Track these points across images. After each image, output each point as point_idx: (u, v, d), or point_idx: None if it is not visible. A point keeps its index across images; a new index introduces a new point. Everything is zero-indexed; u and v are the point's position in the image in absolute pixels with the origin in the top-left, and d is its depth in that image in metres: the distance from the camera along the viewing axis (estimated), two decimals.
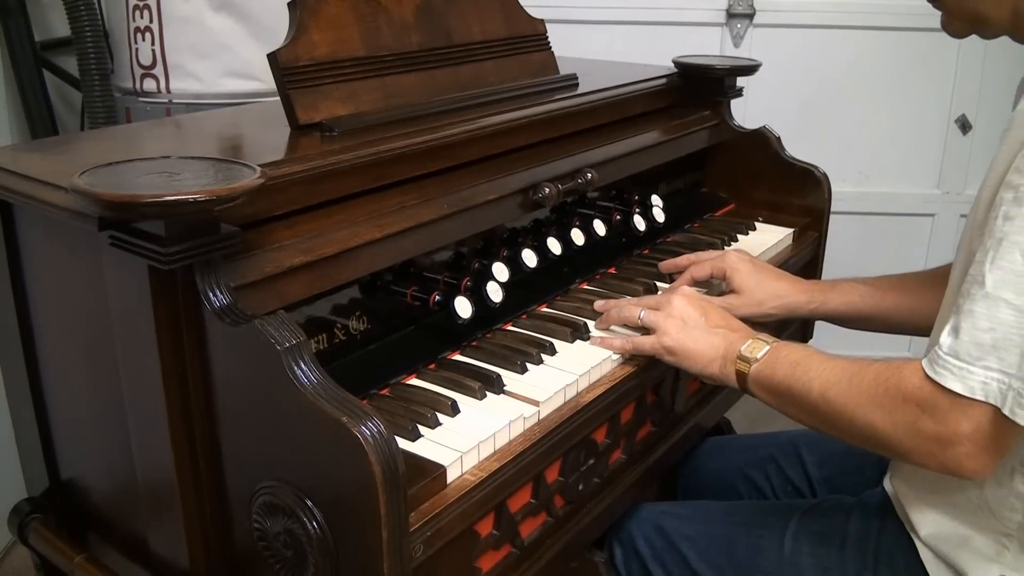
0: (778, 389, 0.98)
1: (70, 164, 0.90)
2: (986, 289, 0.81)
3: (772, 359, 0.99)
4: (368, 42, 1.15)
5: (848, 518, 1.08)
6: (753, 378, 1.01)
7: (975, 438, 0.82)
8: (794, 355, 0.98)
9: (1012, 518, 0.93)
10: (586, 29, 2.47)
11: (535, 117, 1.25)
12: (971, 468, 0.84)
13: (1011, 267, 0.80)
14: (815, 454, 1.30)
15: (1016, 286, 0.79)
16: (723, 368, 1.03)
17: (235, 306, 0.81)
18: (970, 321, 0.81)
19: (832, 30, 2.52)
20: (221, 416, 0.84)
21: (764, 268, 1.26)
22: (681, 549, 1.14)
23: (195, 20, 1.85)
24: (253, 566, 0.86)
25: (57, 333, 1.01)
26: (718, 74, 1.59)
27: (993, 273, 0.80)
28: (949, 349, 0.82)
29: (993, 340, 0.80)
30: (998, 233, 0.81)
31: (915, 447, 0.86)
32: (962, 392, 0.81)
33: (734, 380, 1.03)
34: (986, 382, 0.80)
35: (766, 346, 1.01)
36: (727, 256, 1.26)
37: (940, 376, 0.82)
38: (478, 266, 1.14)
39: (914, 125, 2.60)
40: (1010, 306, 0.79)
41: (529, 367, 1.05)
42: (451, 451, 0.87)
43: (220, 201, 0.75)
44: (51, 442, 1.08)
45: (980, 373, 0.80)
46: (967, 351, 0.81)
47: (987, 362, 0.80)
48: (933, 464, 0.86)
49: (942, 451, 0.84)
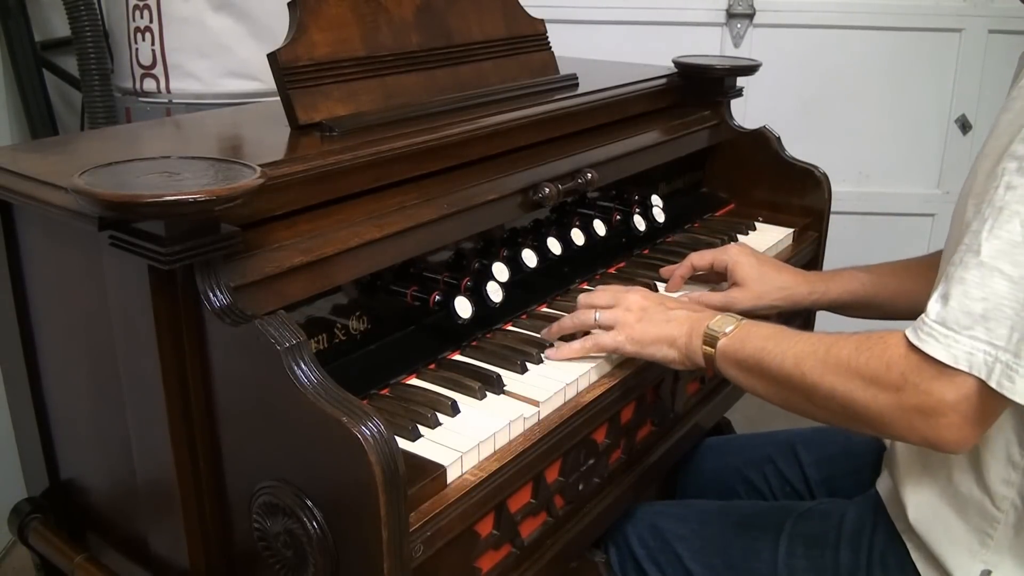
0: (747, 363, 0.95)
1: (70, 164, 0.90)
2: (981, 257, 0.78)
3: (742, 333, 0.97)
4: (368, 42, 1.15)
5: (842, 521, 1.08)
6: (721, 353, 0.97)
7: (960, 408, 0.79)
8: (765, 330, 0.96)
9: (1005, 495, 0.91)
10: (586, 29, 2.47)
11: (535, 117, 1.25)
12: (952, 440, 0.81)
13: (1009, 237, 0.77)
14: (812, 454, 1.30)
15: (1013, 257, 0.77)
16: (688, 346, 1.00)
17: (235, 306, 0.81)
18: (961, 288, 0.79)
19: (832, 30, 2.52)
20: (221, 416, 0.84)
21: (766, 261, 1.26)
22: (676, 549, 1.13)
23: (195, 20, 1.85)
24: (253, 566, 0.86)
25: (57, 333, 1.01)
26: (718, 74, 1.59)
27: (990, 242, 0.78)
28: (937, 316, 0.80)
29: (984, 310, 0.77)
30: (998, 202, 0.79)
31: (896, 419, 0.83)
32: (946, 361, 0.78)
33: (700, 358, 0.99)
34: (972, 352, 0.78)
35: (735, 321, 0.98)
36: (729, 249, 1.26)
37: (924, 343, 0.80)
38: (478, 266, 1.14)
39: (914, 125, 2.61)
40: (1005, 276, 0.77)
41: (529, 367, 1.05)
42: (451, 451, 0.87)
43: (220, 201, 0.75)
44: (51, 442, 1.08)
45: (966, 343, 0.78)
46: (955, 319, 0.78)
47: (975, 332, 0.78)
48: (914, 437, 0.83)
49: (924, 422, 0.81)
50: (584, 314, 1.07)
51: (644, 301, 1.06)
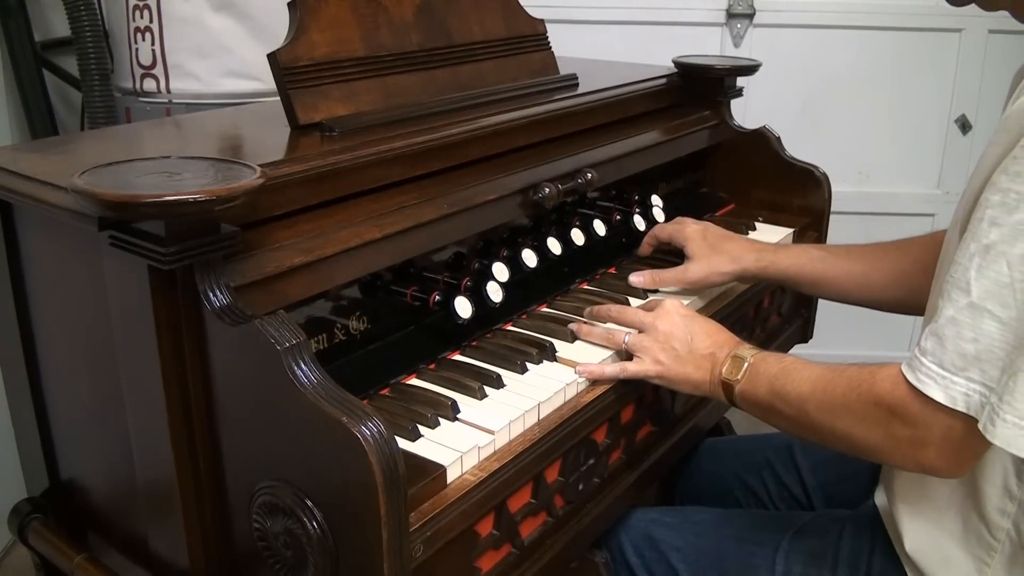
0: (762, 406, 0.99)
1: (70, 164, 0.90)
2: (972, 298, 0.79)
3: (752, 376, 1.00)
4: (368, 42, 1.15)
5: (840, 537, 1.07)
6: (739, 397, 1.02)
7: (946, 443, 0.82)
8: (772, 369, 0.99)
9: (1001, 524, 0.92)
10: (586, 29, 2.47)
11: (535, 117, 1.25)
12: (946, 468, 0.85)
13: (997, 278, 0.78)
14: (809, 459, 1.31)
15: (1001, 298, 0.78)
16: (713, 391, 1.05)
17: (235, 306, 0.81)
18: (954, 330, 0.80)
19: (832, 30, 2.52)
20: (221, 416, 0.84)
21: (718, 234, 1.30)
22: (671, 560, 1.13)
23: (195, 20, 1.85)
24: (253, 566, 0.86)
25: (57, 333, 1.01)
26: (718, 74, 1.59)
27: (979, 282, 0.79)
28: (933, 357, 0.81)
29: (976, 351, 0.79)
30: (984, 238, 0.79)
31: (891, 450, 0.87)
32: (944, 402, 0.80)
33: (724, 401, 1.04)
34: (968, 394, 0.79)
35: (744, 363, 1.01)
36: (685, 228, 1.30)
37: (923, 384, 0.81)
38: (478, 266, 1.14)
39: (914, 125, 2.60)
40: (994, 318, 0.78)
41: (529, 367, 1.05)
42: (451, 451, 0.87)
43: (220, 201, 0.75)
44: (51, 442, 1.08)
45: (963, 384, 0.80)
46: (951, 361, 0.80)
47: (970, 373, 0.79)
48: (910, 465, 0.87)
49: (916, 452, 0.84)
50: (615, 335, 1.10)
51: (674, 331, 1.07)
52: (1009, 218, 0.78)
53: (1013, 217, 0.78)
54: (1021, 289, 0.77)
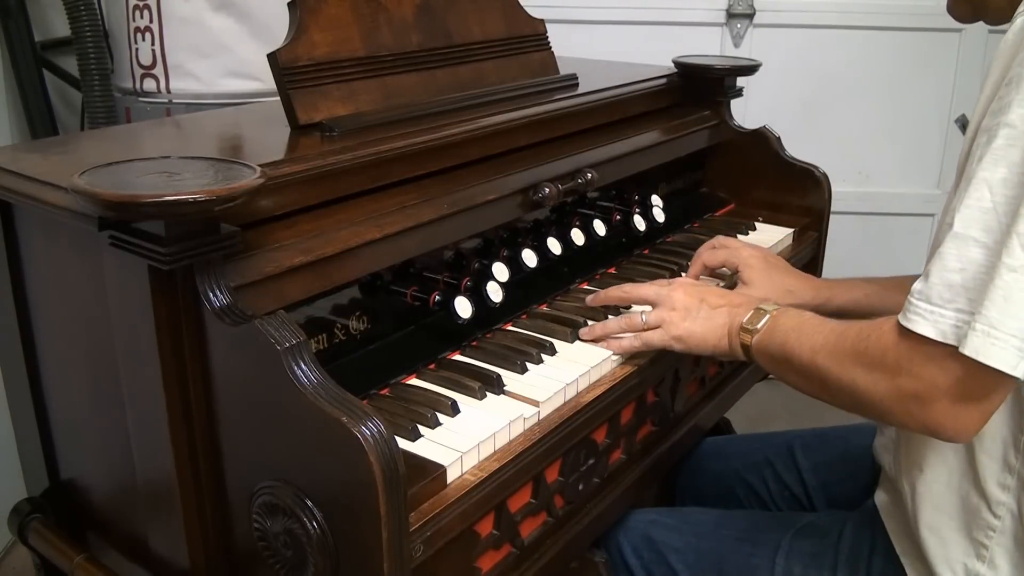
0: (777, 357, 0.98)
1: (70, 164, 0.90)
2: (955, 229, 0.78)
3: (771, 327, 1.00)
4: (368, 42, 1.15)
5: (840, 537, 1.07)
6: (756, 348, 1.01)
7: (952, 392, 0.79)
8: (791, 322, 0.98)
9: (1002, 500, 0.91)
10: (586, 29, 2.47)
11: (535, 117, 1.25)
12: (951, 426, 0.81)
13: (978, 204, 0.77)
14: (810, 459, 1.30)
15: (984, 223, 0.76)
16: (731, 343, 1.04)
17: (235, 306, 0.81)
18: (940, 263, 0.78)
19: (832, 30, 2.52)
20: (221, 416, 0.84)
21: (776, 265, 1.28)
22: (670, 561, 1.13)
23: (195, 20, 1.85)
24: (253, 566, 0.86)
25: (57, 333, 1.01)
26: (718, 74, 1.59)
27: (961, 212, 0.77)
28: (919, 293, 0.79)
29: (963, 280, 0.77)
30: (969, 174, 0.78)
31: (894, 405, 0.84)
32: (934, 336, 0.78)
33: (741, 353, 1.04)
34: (958, 325, 0.77)
35: (766, 315, 1.01)
36: (740, 251, 1.29)
37: (911, 322, 0.79)
38: (478, 266, 1.14)
39: (914, 125, 2.61)
40: (979, 244, 0.76)
41: (529, 367, 1.05)
42: (451, 451, 0.87)
43: (220, 201, 0.75)
44: (51, 442, 1.08)
45: (952, 316, 0.77)
46: (938, 293, 0.78)
47: (958, 304, 0.77)
48: (913, 424, 0.84)
49: (920, 409, 0.82)
50: (632, 318, 1.10)
51: (687, 299, 1.09)
52: (989, 147, 0.77)
53: (993, 144, 0.77)
54: (1004, 212, 0.75)
